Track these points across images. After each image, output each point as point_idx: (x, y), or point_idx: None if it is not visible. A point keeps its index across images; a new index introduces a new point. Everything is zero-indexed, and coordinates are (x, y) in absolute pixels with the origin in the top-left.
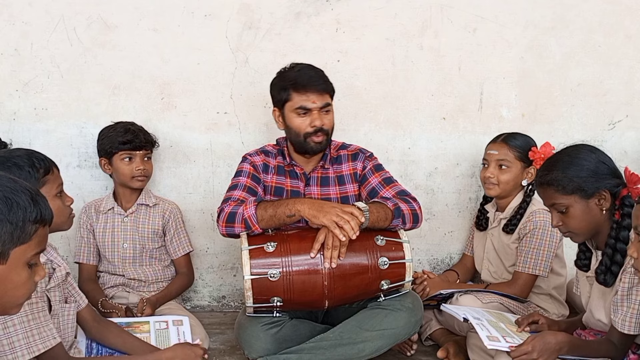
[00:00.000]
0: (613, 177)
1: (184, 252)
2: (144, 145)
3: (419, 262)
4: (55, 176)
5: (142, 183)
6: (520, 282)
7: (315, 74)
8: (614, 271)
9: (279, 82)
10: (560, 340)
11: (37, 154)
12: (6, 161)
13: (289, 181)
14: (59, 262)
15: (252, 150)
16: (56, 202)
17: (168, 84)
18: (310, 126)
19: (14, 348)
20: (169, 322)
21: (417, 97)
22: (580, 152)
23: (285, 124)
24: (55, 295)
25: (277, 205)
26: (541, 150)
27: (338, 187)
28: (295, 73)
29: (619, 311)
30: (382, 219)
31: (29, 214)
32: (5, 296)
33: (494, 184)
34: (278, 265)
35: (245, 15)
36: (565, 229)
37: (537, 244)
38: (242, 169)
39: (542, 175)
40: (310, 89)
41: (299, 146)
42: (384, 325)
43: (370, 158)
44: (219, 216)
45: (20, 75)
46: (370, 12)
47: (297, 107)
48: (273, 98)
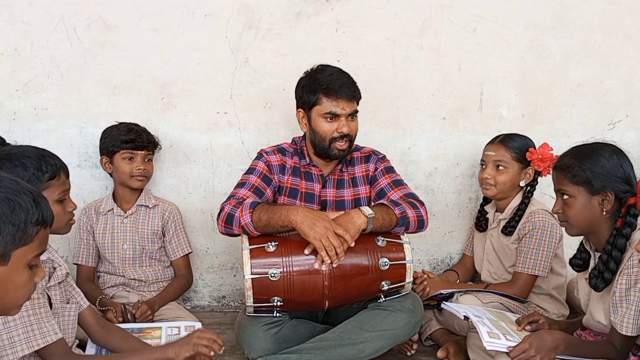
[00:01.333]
0: (625, 183)
1: (182, 253)
2: (146, 145)
3: (419, 262)
4: (60, 182)
5: (141, 183)
6: (520, 282)
7: (347, 80)
8: (605, 277)
9: (308, 84)
10: (557, 337)
11: (48, 158)
12: (14, 159)
13: (304, 183)
14: (60, 262)
15: (269, 148)
16: (55, 207)
17: (168, 84)
18: (337, 132)
19: (14, 342)
20: (181, 328)
21: (417, 97)
22: (604, 150)
23: (311, 126)
24: (56, 294)
25: (271, 213)
26: (539, 151)
27: (352, 189)
28: (327, 77)
29: (618, 312)
30: (386, 226)
31: (31, 216)
32: (5, 297)
33: (491, 185)
34: (279, 265)
35: (245, 15)
36: (563, 218)
37: (536, 244)
38: (255, 166)
39: (560, 159)
40: (341, 95)
41: (321, 150)
42: (384, 326)
43: (382, 160)
44: (219, 214)
45: (20, 75)
46: (370, 12)
47: (326, 112)
48: (299, 99)
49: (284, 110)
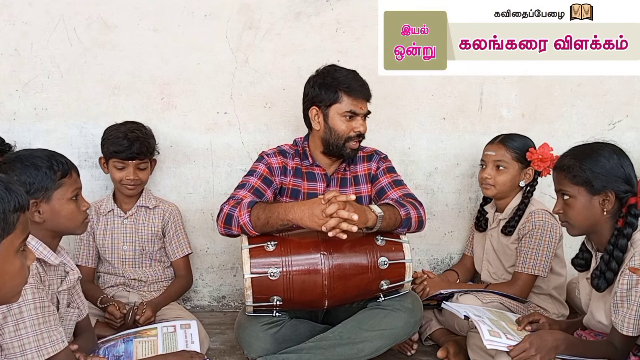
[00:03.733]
0: (625, 183)
1: (182, 254)
2: (137, 156)
3: (419, 262)
4: (72, 180)
5: (131, 191)
6: (520, 282)
7: (364, 81)
8: (607, 277)
9: (327, 83)
10: (557, 337)
11: (57, 157)
12: (25, 160)
13: (306, 183)
14: (72, 266)
15: (270, 150)
16: (70, 205)
17: (168, 84)
18: (354, 131)
19: (25, 351)
20: (177, 326)
21: (417, 97)
22: (604, 149)
23: (327, 124)
24: (64, 298)
25: (269, 212)
26: (539, 151)
27: (354, 188)
28: (346, 77)
29: (619, 312)
30: (391, 226)
31: (7, 204)
32: (4, 287)
33: (490, 185)
34: (278, 264)
35: (245, 15)
36: (563, 218)
37: (536, 244)
38: (255, 168)
39: (560, 159)
40: (361, 95)
41: (334, 148)
42: (383, 325)
43: (384, 160)
44: (218, 214)
45: (20, 75)
46: (370, 12)
47: (346, 110)
48: (315, 96)
49: (284, 110)
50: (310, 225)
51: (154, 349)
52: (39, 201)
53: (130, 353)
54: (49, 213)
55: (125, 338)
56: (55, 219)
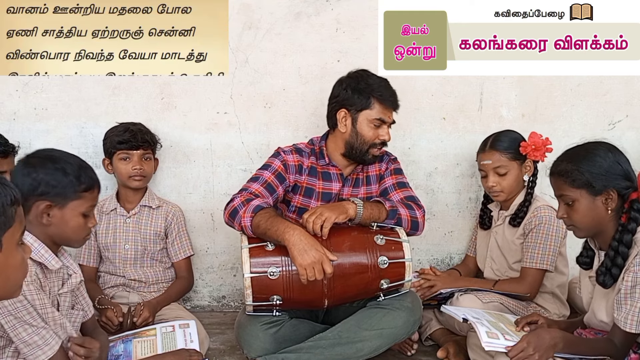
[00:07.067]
0: (625, 179)
1: (184, 256)
2: (141, 144)
3: (418, 262)
4: (93, 196)
5: (139, 183)
6: (529, 278)
7: (394, 91)
8: (613, 273)
9: (360, 88)
10: (555, 335)
11: (87, 170)
12: (57, 162)
13: (320, 183)
14: (75, 269)
15: (287, 147)
16: (80, 219)
17: (168, 84)
18: (379, 138)
19: (25, 354)
20: (175, 326)
21: (417, 97)
22: (598, 149)
23: (354, 128)
24: (65, 301)
25: (269, 225)
26: (530, 142)
27: (365, 187)
28: (379, 85)
29: (622, 309)
30: (375, 216)
31: (5, 198)
32: (8, 281)
33: (499, 192)
34: (278, 263)
35: (245, 15)
36: (569, 222)
37: (543, 239)
38: (271, 163)
39: (556, 165)
40: (391, 104)
41: (357, 153)
42: (383, 324)
43: (394, 161)
44: (228, 203)
45: (20, 75)
46: (370, 12)
47: (376, 117)
48: (347, 99)
49: (284, 110)
50: (298, 258)
51: (153, 349)
52: (53, 205)
53: (129, 353)
54: (58, 219)
55: (124, 338)
56: (60, 227)
